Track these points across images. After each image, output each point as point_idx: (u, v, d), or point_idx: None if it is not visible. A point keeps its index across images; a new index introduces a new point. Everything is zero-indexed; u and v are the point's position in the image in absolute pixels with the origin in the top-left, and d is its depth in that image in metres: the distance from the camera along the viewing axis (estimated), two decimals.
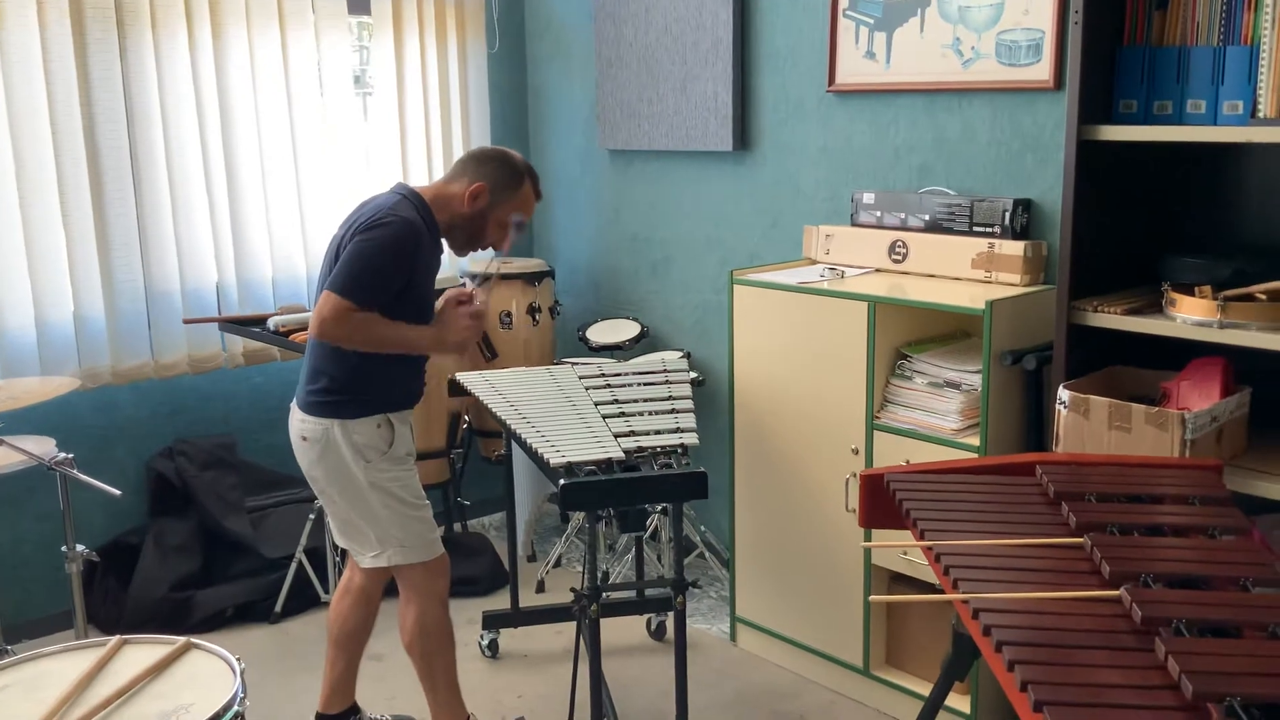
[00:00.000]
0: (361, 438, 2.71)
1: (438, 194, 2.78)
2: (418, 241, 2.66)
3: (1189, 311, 2.49)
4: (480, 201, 2.76)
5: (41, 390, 2.99)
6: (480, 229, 2.81)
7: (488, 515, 4.81)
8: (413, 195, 2.74)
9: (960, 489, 2.12)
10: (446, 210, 2.76)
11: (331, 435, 2.70)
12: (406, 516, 2.78)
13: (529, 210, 2.87)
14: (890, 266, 3.40)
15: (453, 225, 2.79)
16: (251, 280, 4.08)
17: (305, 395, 2.76)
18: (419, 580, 2.83)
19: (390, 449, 2.75)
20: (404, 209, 2.66)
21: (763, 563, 3.49)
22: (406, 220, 2.63)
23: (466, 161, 2.83)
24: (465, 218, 2.77)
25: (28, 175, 3.58)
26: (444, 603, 2.88)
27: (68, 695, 1.96)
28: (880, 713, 3.23)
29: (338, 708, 3.05)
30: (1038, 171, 3.16)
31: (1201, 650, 1.49)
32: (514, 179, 2.80)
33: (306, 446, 2.75)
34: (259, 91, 4.02)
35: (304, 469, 2.82)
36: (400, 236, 2.61)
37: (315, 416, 2.72)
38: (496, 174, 2.78)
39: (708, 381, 4.18)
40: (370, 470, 2.73)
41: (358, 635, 3.03)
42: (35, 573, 3.75)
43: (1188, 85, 2.55)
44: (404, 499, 2.78)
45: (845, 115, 3.62)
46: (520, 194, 2.81)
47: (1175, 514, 1.98)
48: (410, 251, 2.64)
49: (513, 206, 2.81)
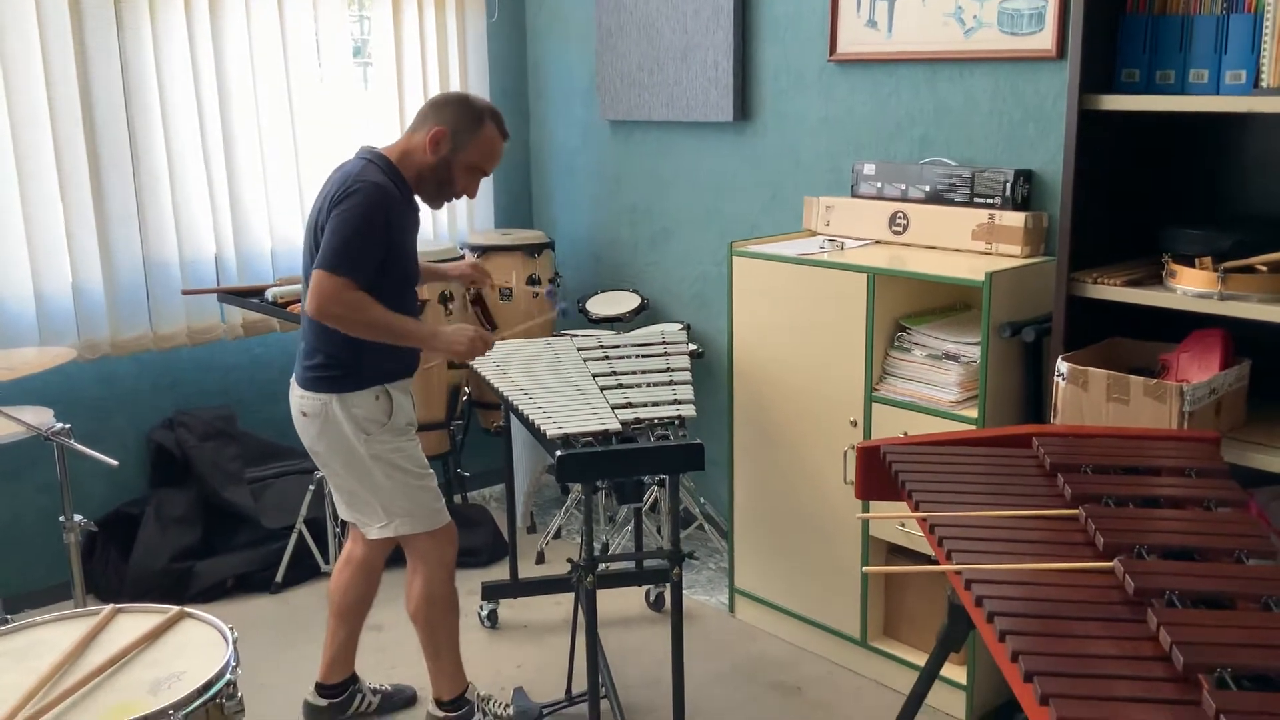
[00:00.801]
0: (360, 410, 2.71)
1: (403, 150, 2.74)
2: (388, 204, 2.63)
3: (1189, 283, 2.48)
4: (443, 147, 2.71)
5: (39, 361, 2.99)
6: (447, 177, 2.75)
7: (488, 487, 4.82)
8: (377, 157, 2.70)
9: (956, 461, 2.12)
10: (412, 164, 2.73)
11: (330, 410, 2.70)
12: (411, 486, 2.79)
13: (496, 151, 2.79)
14: (890, 238, 3.38)
15: (421, 177, 2.75)
16: (250, 252, 4.07)
17: (303, 371, 2.76)
18: (426, 549, 2.84)
19: (390, 420, 2.75)
20: (371, 173, 2.63)
21: (761, 534, 3.49)
22: (374, 184, 2.60)
23: (425, 110, 2.76)
24: (431, 167, 2.73)
25: (25, 147, 3.56)
26: (451, 571, 2.89)
27: (59, 664, 1.97)
28: (877, 683, 3.24)
29: (337, 677, 3.07)
30: (1039, 142, 3.13)
31: (1193, 622, 1.49)
32: (474, 120, 2.73)
33: (307, 422, 2.76)
34: (256, 62, 3.99)
35: (306, 444, 2.82)
36: (370, 202, 2.58)
37: (313, 392, 2.72)
38: (455, 116, 2.72)
39: (707, 353, 4.18)
40: (371, 443, 2.73)
41: (359, 607, 3.04)
42: (36, 543, 3.76)
43: (1190, 54, 2.52)
44: (407, 469, 2.78)
45: (846, 85, 3.59)
46: (482, 134, 2.74)
47: (1172, 486, 1.98)
48: (383, 215, 2.61)
49: (476, 149, 2.74)
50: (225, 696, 1.96)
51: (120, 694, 1.92)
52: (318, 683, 3.08)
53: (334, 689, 3.08)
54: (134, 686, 1.94)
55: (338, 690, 3.08)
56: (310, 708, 3.08)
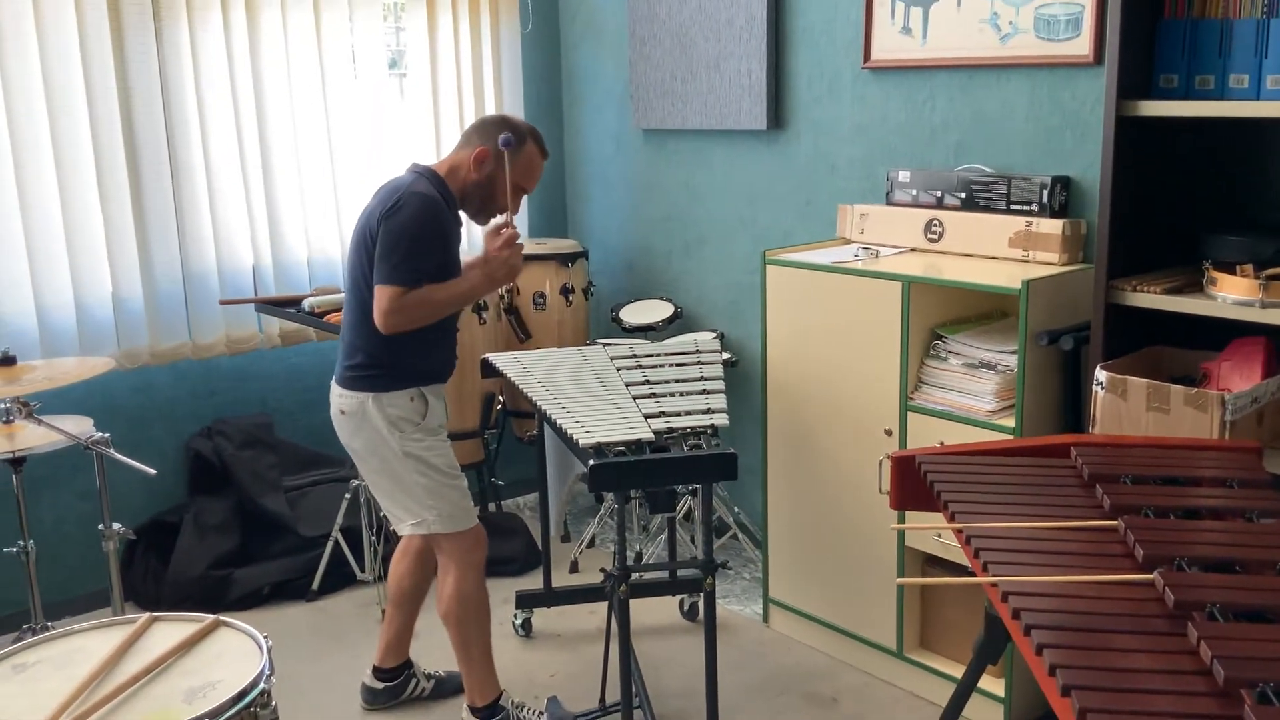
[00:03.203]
0: (395, 409, 2.80)
1: (450, 166, 2.87)
2: (437, 213, 2.75)
3: (1230, 290, 2.44)
4: (486, 166, 2.84)
5: (79, 370, 3.02)
6: (490, 194, 2.87)
7: (522, 495, 4.82)
8: (426, 171, 2.84)
9: (992, 471, 2.09)
10: (458, 180, 2.86)
11: (367, 408, 2.79)
12: (442, 485, 2.85)
13: (536, 170, 2.92)
14: (926, 246, 3.36)
15: (466, 194, 2.87)
16: (287, 262, 4.10)
17: (342, 371, 2.86)
18: (455, 549, 2.88)
19: (423, 420, 2.84)
20: (420, 185, 2.76)
21: (795, 544, 3.47)
22: (423, 195, 2.73)
23: (470, 131, 2.90)
24: (475, 184, 2.86)
25: (66, 159, 3.61)
26: (481, 573, 2.94)
27: (97, 671, 1.99)
28: (913, 695, 3.21)
29: (393, 661, 3.19)
30: (1077, 148, 3.10)
31: (1235, 635, 1.46)
32: (516, 140, 2.85)
33: (345, 420, 2.85)
34: (293, 74, 4.03)
35: (344, 442, 2.92)
36: (421, 210, 2.71)
37: (351, 390, 2.83)
38: (499, 136, 2.83)
39: (741, 362, 4.16)
40: (404, 440, 2.81)
41: (415, 594, 3.16)
42: (76, 551, 3.81)
43: (1230, 59, 2.49)
44: (439, 468, 2.85)
45: (881, 92, 3.57)
46: (524, 153, 2.87)
47: (1213, 497, 1.95)
48: (433, 223, 2.74)
49: (518, 168, 2.87)
50: (260, 705, 1.97)
51: (156, 702, 1.93)
52: (374, 666, 3.20)
53: (390, 673, 3.20)
54: (169, 695, 1.95)
55: (393, 674, 3.20)
56: (367, 689, 3.20)
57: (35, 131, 3.55)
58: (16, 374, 2.97)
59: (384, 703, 3.20)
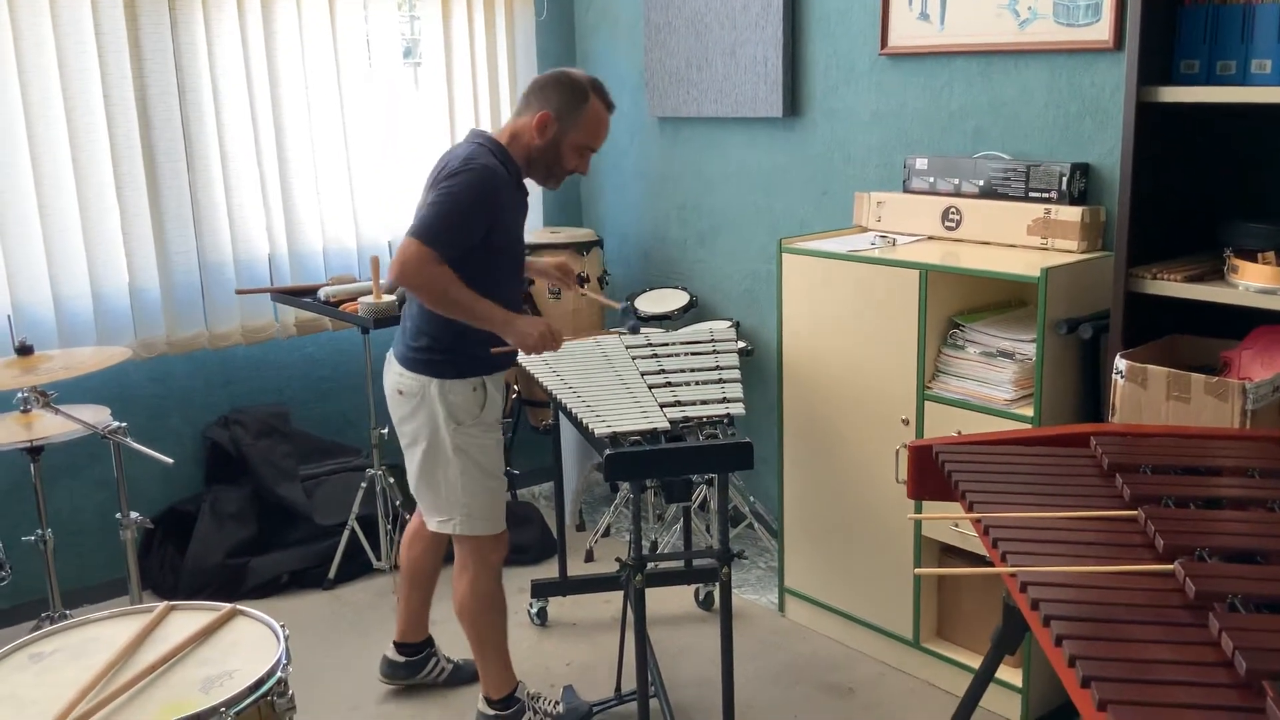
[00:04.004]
0: (457, 398, 2.75)
1: (511, 133, 2.75)
2: (496, 186, 2.64)
3: (1252, 278, 2.42)
4: (550, 130, 2.72)
5: (96, 360, 3.03)
6: (556, 158, 2.76)
7: (537, 485, 4.82)
8: (488, 141, 2.72)
9: (1011, 460, 2.08)
10: (521, 147, 2.74)
11: (429, 393, 2.74)
12: (480, 486, 2.82)
13: (603, 127, 2.78)
14: (943, 234, 3.34)
15: (530, 160, 2.76)
16: (302, 252, 4.11)
17: (406, 350, 2.79)
18: (476, 549, 2.86)
19: (483, 413, 2.79)
20: (482, 156, 2.65)
21: (811, 534, 3.46)
22: (485, 166, 2.62)
23: (529, 93, 2.77)
24: (540, 150, 2.74)
25: (82, 149, 3.62)
26: (498, 574, 2.92)
27: (114, 661, 1.99)
28: (930, 685, 3.20)
29: (413, 638, 3.21)
30: (1096, 135, 3.07)
31: (1257, 626, 1.45)
32: (578, 98, 2.73)
33: (402, 400, 2.79)
34: (308, 64, 4.03)
35: (395, 421, 2.86)
36: (479, 182, 2.60)
37: (414, 373, 2.76)
38: (559, 97, 2.72)
39: (757, 351, 4.15)
40: (459, 433, 2.76)
41: (428, 574, 3.18)
42: (93, 540, 3.82)
43: (1252, 44, 2.46)
44: (484, 467, 2.82)
45: (898, 79, 3.55)
46: (588, 111, 2.74)
47: (1234, 487, 1.93)
48: (490, 197, 2.63)
49: (584, 127, 2.75)
50: (276, 694, 1.97)
51: (172, 691, 1.94)
52: (395, 641, 3.21)
53: (412, 648, 3.21)
54: (186, 684, 1.96)
55: (415, 649, 3.21)
56: (387, 662, 3.22)
57: (52, 122, 3.56)
58: (34, 363, 2.98)
59: (402, 678, 3.20)
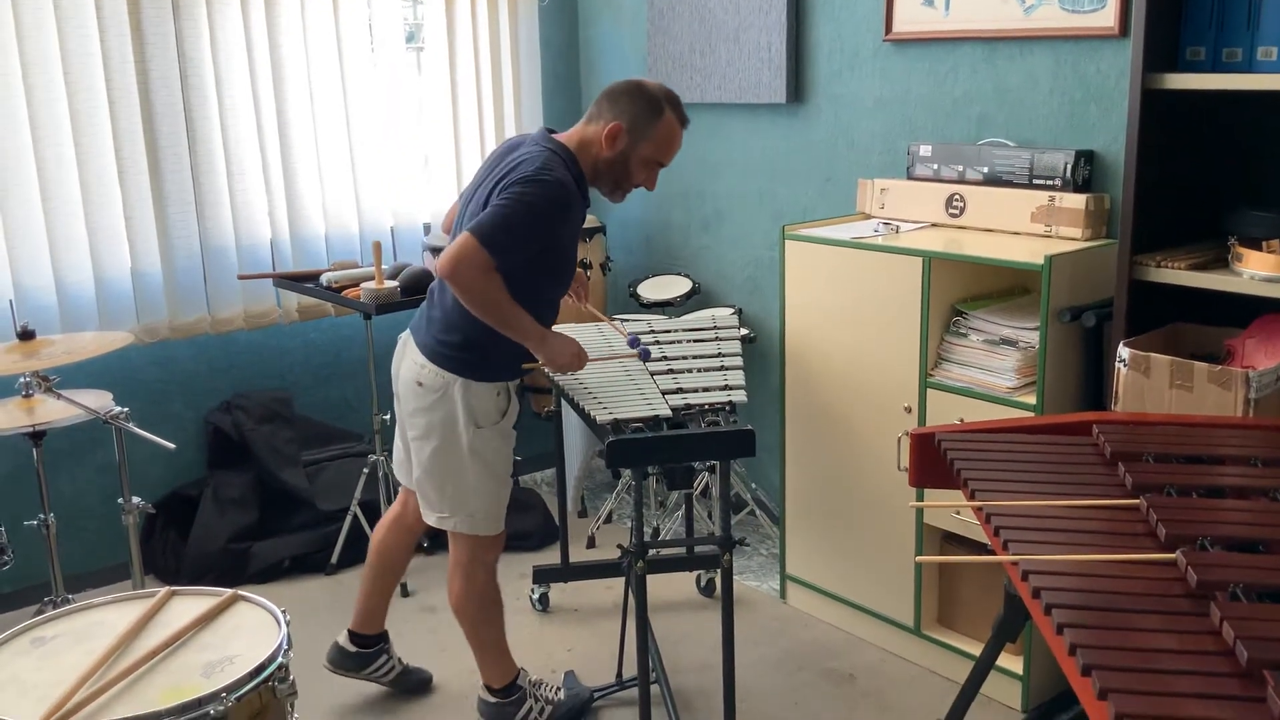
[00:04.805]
0: (480, 402, 2.69)
1: (580, 141, 2.66)
2: (568, 203, 2.56)
3: (1256, 267, 2.41)
4: (620, 143, 2.64)
5: (98, 344, 3.03)
6: (624, 172, 2.69)
7: (539, 471, 4.83)
8: (561, 149, 2.63)
9: (1013, 448, 2.08)
10: (589, 156, 2.66)
11: (451, 391, 2.68)
12: (488, 490, 2.78)
13: (675, 142, 2.69)
14: (947, 221, 3.33)
15: (597, 171, 2.68)
16: (305, 237, 4.10)
17: (435, 344, 2.70)
18: (471, 548, 2.83)
19: (503, 419, 2.74)
20: (558, 167, 2.56)
21: (813, 521, 3.46)
22: (560, 182, 2.53)
23: (601, 101, 2.67)
24: (608, 162, 2.66)
25: (85, 133, 3.61)
26: (493, 571, 2.89)
27: (116, 645, 2.00)
28: (931, 672, 3.20)
29: (369, 630, 3.12)
30: (1101, 122, 3.06)
31: (1259, 616, 1.45)
32: (651, 111, 2.64)
33: (421, 392, 2.71)
34: (311, 48, 4.02)
35: (407, 410, 2.78)
36: (554, 198, 2.52)
37: (439, 367, 2.68)
38: (632, 109, 2.63)
39: (759, 338, 4.14)
40: (477, 436, 2.71)
41: (395, 566, 3.12)
42: (95, 525, 3.83)
43: (1258, 31, 2.44)
44: (495, 472, 2.78)
45: (902, 65, 3.53)
46: (660, 126, 2.65)
47: (1237, 476, 1.93)
48: (560, 213, 2.55)
49: (655, 142, 2.66)
50: (278, 679, 1.98)
51: (174, 676, 1.94)
52: (350, 629, 3.13)
53: (365, 639, 3.12)
54: (187, 669, 1.96)
55: (368, 641, 3.12)
56: (337, 648, 3.12)
57: (54, 106, 3.55)
58: (36, 348, 2.98)
59: (349, 669, 3.10)
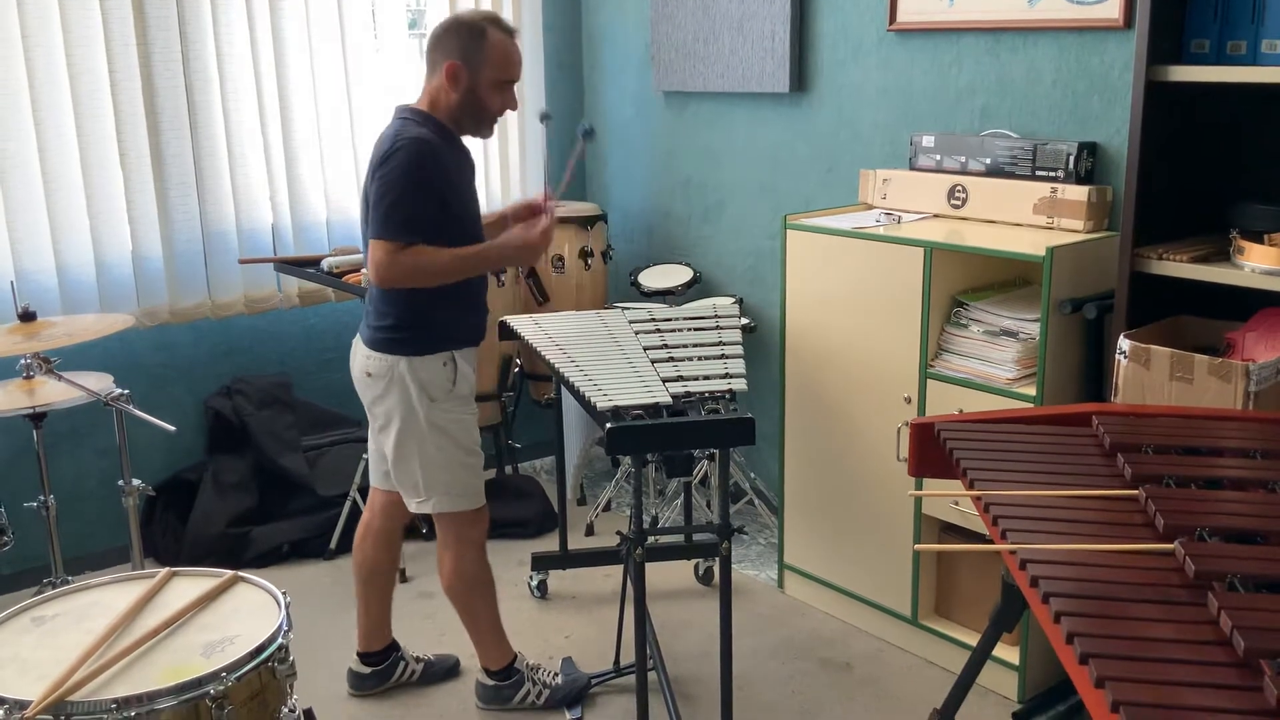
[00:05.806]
0: (427, 374, 2.72)
1: (430, 97, 2.71)
2: (433, 155, 2.60)
3: (1258, 260, 2.41)
4: (461, 79, 2.66)
5: (99, 327, 3.03)
6: (479, 105, 2.70)
7: (538, 459, 4.83)
8: (412, 112, 2.69)
9: (1012, 439, 2.08)
10: (442, 107, 2.70)
11: (398, 371, 2.71)
12: (458, 463, 2.80)
13: (511, 55, 2.70)
14: (949, 212, 3.33)
15: (455, 116, 2.71)
16: (306, 222, 4.10)
17: (372, 332, 2.76)
18: (454, 526, 2.84)
19: (454, 388, 2.76)
20: (408, 130, 2.61)
21: (812, 510, 3.47)
22: (413, 139, 2.58)
23: (430, 53, 2.71)
24: (460, 103, 2.69)
25: (86, 117, 3.61)
26: (481, 548, 2.90)
27: (116, 625, 2.00)
28: (928, 662, 3.21)
29: (377, 645, 3.11)
30: (1104, 114, 3.06)
31: (1256, 606, 1.45)
32: (475, 37, 2.66)
33: (371, 382, 2.76)
34: (313, 33, 4.01)
35: (366, 404, 2.83)
36: (410, 158, 2.57)
37: (381, 352, 2.73)
38: (458, 43, 2.66)
39: (760, 328, 4.14)
40: (434, 409, 2.73)
41: (387, 575, 3.09)
42: (96, 507, 3.84)
43: (1263, 24, 2.44)
44: (460, 443, 2.79)
45: (906, 55, 3.53)
46: (489, 46, 2.66)
47: (1236, 468, 1.93)
48: (429, 168, 2.59)
49: (492, 63, 2.67)
50: (277, 660, 1.99)
51: (174, 656, 1.95)
52: (359, 653, 3.12)
53: (376, 656, 3.11)
54: (187, 649, 1.97)
55: (379, 658, 3.11)
56: (354, 675, 3.12)
57: (56, 89, 3.54)
58: (36, 329, 2.98)
59: (372, 688, 3.10)
